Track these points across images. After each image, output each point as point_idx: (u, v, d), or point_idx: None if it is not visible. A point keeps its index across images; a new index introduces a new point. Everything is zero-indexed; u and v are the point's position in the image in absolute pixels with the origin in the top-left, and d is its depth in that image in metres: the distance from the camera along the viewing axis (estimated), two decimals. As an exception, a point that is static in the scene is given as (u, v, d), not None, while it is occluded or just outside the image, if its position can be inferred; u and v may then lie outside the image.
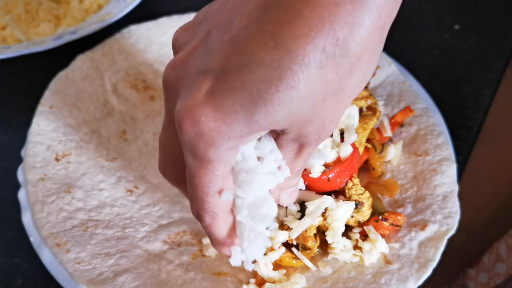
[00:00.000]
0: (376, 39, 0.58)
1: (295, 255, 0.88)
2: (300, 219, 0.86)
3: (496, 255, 1.40)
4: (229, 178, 0.68)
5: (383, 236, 0.90)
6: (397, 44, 1.42)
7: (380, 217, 0.91)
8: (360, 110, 1.02)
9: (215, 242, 0.74)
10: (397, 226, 0.91)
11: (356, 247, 0.90)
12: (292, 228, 0.86)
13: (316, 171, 0.88)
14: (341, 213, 0.87)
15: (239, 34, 0.57)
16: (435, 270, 0.86)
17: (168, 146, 0.74)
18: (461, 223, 0.92)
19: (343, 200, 0.88)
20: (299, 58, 0.54)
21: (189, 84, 0.62)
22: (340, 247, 0.88)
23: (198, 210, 0.70)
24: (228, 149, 0.62)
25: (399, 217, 0.91)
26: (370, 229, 0.90)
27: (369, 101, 1.03)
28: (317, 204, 0.85)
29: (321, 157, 0.88)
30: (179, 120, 0.61)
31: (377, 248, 0.88)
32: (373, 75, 1.12)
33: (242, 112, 0.58)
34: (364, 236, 0.91)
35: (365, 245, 0.88)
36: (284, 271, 0.88)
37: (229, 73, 0.57)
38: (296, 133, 0.64)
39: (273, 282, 0.86)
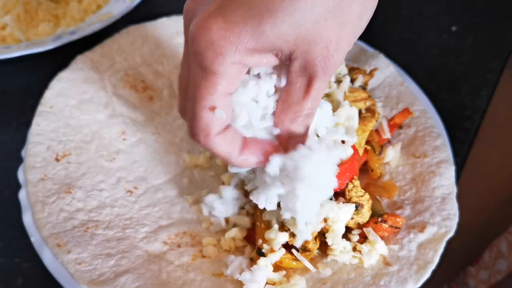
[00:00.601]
0: None
1: (295, 257, 0.88)
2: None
3: (497, 252, 1.41)
4: (227, 100, 0.72)
5: (382, 238, 0.90)
6: (395, 45, 1.42)
7: (380, 219, 0.91)
8: (359, 112, 1.02)
9: (226, 160, 0.79)
10: (396, 228, 0.92)
11: (355, 249, 0.90)
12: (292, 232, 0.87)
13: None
14: (342, 215, 0.87)
15: None
16: (435, 270, 0.87)
17: (185, 80, 0.76)
18: (459, 223, 0.93)
19: (343, 202, 0.89)
20: None
21: (203, 6, 0.68)
22: (340, 248, 0.89)
23: (192, 128, 0.74)
24: (234, 63, 0.66)
25: (398, 219, 0.92)
26: (369, 231, 0.90)
27: (368, 103, 1.04)
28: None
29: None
30: (192, 32, 0.66)
31: (376, 250, 0.89)
32: (372, 76, 1.12)
33: (250, 22, 0.63)
34: (363, 238, 0.91)
35: (364, 247, 0.89)
36: (284, 272, 0.89)
37: None
38: (302, 59, 0.68)
39: (273, 284, 0.87)
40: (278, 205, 0.90)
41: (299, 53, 0.67)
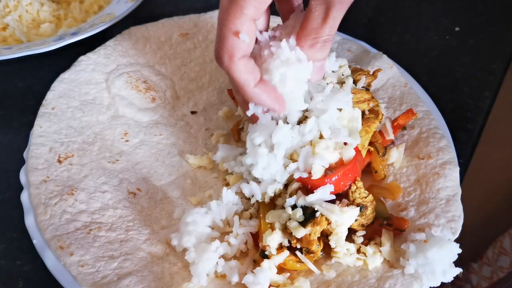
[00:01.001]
0: None
1: (299, 259, 0.88)
2: (303, 223, 0.86)
3: (500, 249, 1.41)
4: (253, 26, 0.78)
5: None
6: (396, 46, 1.42)
7: (385, 222, 0.91)
8: (363, 113, 1.02)
9: (241, 89, 0.85)
10: (401, 231, 0.91)
11: (359, 251, 0.90)
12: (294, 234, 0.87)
13: (317, 172, 0.89)
14: (346, 219, 0.87)
15: None
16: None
17: None
18: (464, 221, 0.92)
19: (347, 204, 0.88)
20: None
21: None
22: (343, 251, 0.88)
23: (218, 50, 0.80)
24: None
25: (403, 223, 0.91)
26: (385, 235, 0.90)
27: (371, 104, 1.03)
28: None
29: (321, 158, 0.89)
30: None
31: (381, 252, 0.88)
32: (375, 77, 1.12)
33: None
34: (368, 239, 0.91)
35: (369, 249, 0.89)
36: (288, 274, 0.88)
37: None
38: None
39: (277, 286, 0.87)
40: (282, 207, 0.90)
41: None
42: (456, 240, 0.89)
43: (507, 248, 1.40)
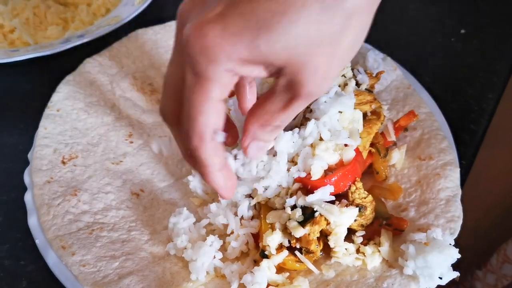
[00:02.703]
0: (368, 7, 0.67)
1: (298, 258, 0.88)
2: (302, 223, 0.87)
3: (504, 257, 1.41)
4: (221, 106, 0.73)
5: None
6: (401, 48, 1.42)
7: (384, 222, 0.91)
8: (365, 114, 1.02)
9: (205, 169, 0.80)
10: (400, 231, 0.92)
11: (358, 251, 0.90)
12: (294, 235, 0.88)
13: (316, 173, 0.89)
14: (344, 219, 0.87)
15: None
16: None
17: (172, 80, 0.78)
18: (467, 225, 0.93)
19: (347, 204, 0.89)
20: (301, 1, 0.62)
21: (202, 10, 0.67)
22: (343, 251, 0.89)
23: (188, 130, 0.76)
24: (227, 70, 0.67)
25: (403, 223, 0.92)
26: (385, 235, 0.90)
27: (374, 106, 1.04)
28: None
29: (320, 159, 0.89)
30: (187, 35, 0.66)
31: (380, 252, 0.88)
32: (378, 79, 1.12)
33: (246, 35, 0.63)
34: (367, 239, 0.91)
35: (368, 249, 0.89)
36: (287, 274, 0.89)
37: (241, 2, 0.63)
38: (290, 78, 0.69)
39: (276, 286, 0.87)
40: (283, 207, 0.91)
41: (288, 72, 0.68)
42: (459, 246, 0.89)
43: (511, 256, 1.39)
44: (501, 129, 1.30)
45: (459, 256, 0.86)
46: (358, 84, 1.07)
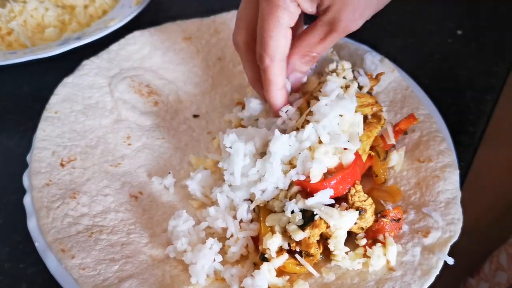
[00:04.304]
0: None
1: (298, 262, 0.88)
2: (302, 226, 0.87)
3: (497, 264, 1.40)
4: (289, 33, 0.94)
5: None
6: (400, 50, 1.42)
7: (379, 215, 0.91)
8: (365, 117, 1.02)
9: (270, 86, 1.01)
10: (397, 220, 0.91)
11: (365, 254, 0.90)
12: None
13: (315, 176, 0.89)
14: (345, 222, 0.87)
15: None
16: (436, 279, 0.86)
17: (245, 13, 1.01)
18: (463, 230, 0.93)
19: (346, 207, 0.89)
20: None
21: None
22: (342, 254, 0.89)
23: (260, 51, 0.96)
24: (292, 1, 0.89)
25: (396, 211, 0.92)
26: (387, 237, 0.90)
27: (375, 108, 1.04)
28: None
29: (319, 162, 0.89)
30: None
31: (388, 251, 0.88)
32: (378, 81, 1.12)
33: None
34: (372, 240, 0.91)
35: (375, 249, 0.88)
36: (287, 277, 0.89)
37: None
38: (333, 15, 0.89)
39: (277, 289, 0.87)
40: (282, 210, 0.91)
41: (333, 9, 0.86)
42: (454, 252, 0.89)
43: (504, 263, 1.39)
44: (499, 130, 1.30)
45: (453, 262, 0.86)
46: (359, 87, 1.07)
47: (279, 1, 0.88)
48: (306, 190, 0.91)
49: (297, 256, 0.88)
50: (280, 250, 0.89)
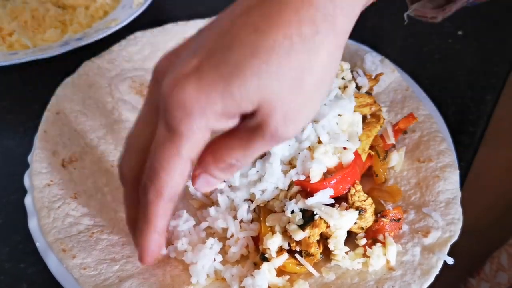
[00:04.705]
0: (337, 41, 0.68)
1: (299, 261, 0.88)
2: (302, 226, 0.87)
3: (498, 265, 1.40)
4: (186, 168, 0.72)
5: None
6: (400, 50, 1.42)
7: (379, 215, 0.92)
8: (364, 117, 1.03)
9: (146, 225, 0.78)
10: (397, 220, 0.92)
11: (364, 254, 0.90)
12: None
13: (315, 176, 0.89)
14: (345, 222, 0.87)
15: (226, 27, 0.67)
16: (436, 279, 0.87)
17: (139, 138, 0.79)
18: (463, 229, 0.93)
19: (346, 207, 0.89)
20: (271, 40, 0.64)
21: (178, 65, 0.68)
22: (342, 254, 0.89)
23: (146, 181, 0.74)
24: (200, 127, 0.67)
25: (396, 211, 0.92)
26: (387, 236, 0.91)
27: (373, 108, 1.04)
28: None
29: (319, 162, 0.90)
30: (165, 90, 0.67)
31: (388, 251, 0.88)
32: (377, 81, 1.12)
33: (220, 83, 0.64)
34: (371, 240, 0.91)
35: (375, 249, 0.89)
36: (288, 277, 0.89)
37: (215, 52, 0.66)
38: (259, 119, 0.67)
39: (277, 288, 0.87)
40: (282, 210, 0.91)
41: (259, 114, 0.67)
42: (454, 252, 0.89)
43: (505, 264, 1.39)
44: (499, 130, 1.30)
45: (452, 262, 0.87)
46: (358, 87, 1.07)
47: (183, 128, 0.67)
48: (306, 190, 0.91)
49: (297, 256, 0.88)
50: (280, 250, 0.89)
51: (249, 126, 0.69)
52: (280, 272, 0.89)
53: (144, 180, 0.75)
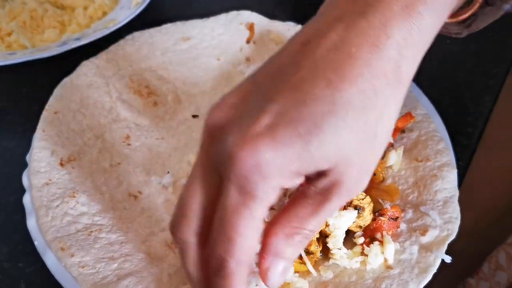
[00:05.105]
0: (402, 98, 0.69)
1: (298, 260, 0.88)
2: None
3: (496, 264, 1.40)
4: (261, 228, 0.65)
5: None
6: (399, 51, 1.42)
7: (377, 214, 0.92)
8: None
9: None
10: (395, 219, 0.92)
11: (362, 253, 0.90)
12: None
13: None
14: (343, 221, 0.88)
15: (292, 79, 0.61)
16: (435, 280, 0.87)
17: (196, 198, 0.68)
18: (461, 230, 0.93)
19: (345, 206, 0.89)
20: (346, 95, 0.60)
21: (244, 121, 0.61)
22: (340, 253, 0.89)
23: (221, 253, 0.66)
24: (275, 188, 0.61)
25: (394, 210, 0.92)
26: (385, 235, 0.91)
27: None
28: None
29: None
30: (234, 151, 0.60)
31: (386, 249, 0.88)
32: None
33: (298, 142, 0.59)
34: (369, 238, 0.92)
35: (373, 248, 0.89)
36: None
37: (288, 109, 0.60)
38: (333, 179, 0.63)
39: (276, 286, 0.87)
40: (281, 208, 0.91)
41: (333, 173, 0.63)
42: (452, 252, 0.89)
43: (503, 263, 1.39)
44: (497, 131, 1.30)
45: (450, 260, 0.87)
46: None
47: (256, 189, 0.61)
48: (306, 189, 0.91)
49: (302, 253, 0.88)
50: (281, 249, 0.90)
51: (321, 187, 0.65)
52: (279, 270, 0.89)
53: (218, 252, 0.66)
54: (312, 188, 0.65)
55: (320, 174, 0.64)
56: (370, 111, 0.62)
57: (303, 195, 0.66)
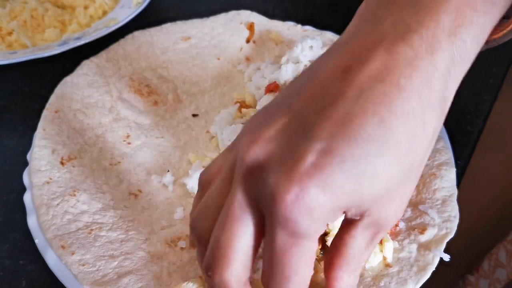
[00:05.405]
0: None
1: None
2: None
3: (496, 261, 1.40)
4: (314, 257, 0.63)
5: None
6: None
7: None
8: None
9: None
10: (395, 224, 0.92)
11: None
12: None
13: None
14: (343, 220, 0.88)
15: (338, 112, 0.57)
16: (435, 278, 0.87)
17: (240, 239, 0.63)
18: (460, 228, 0.93)
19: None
20: (398, 134, 0.57)
21: (286, 159, 0.57)
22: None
23: None
24: (325, 225, 0.59)
25: None
26: (385, 238, 0.91)
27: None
28: None
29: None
30: (279, 193, 0.56)
31: (385, 248, 0.88)
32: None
33: (348, 183, 0.56)
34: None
35: None
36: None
37: (338, 147, 0.56)
38: (377, 215, 0.62)
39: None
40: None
41: (377, 209, 0.61)
42: (452, 250, 0.90)
43: (503, 260, 1.39)
44: (496, 130, 1.31)
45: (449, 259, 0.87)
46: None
47: (308, 231, 0.58)
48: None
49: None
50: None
51: (365, 225, 0.63)
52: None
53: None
54: (359, 229, 0.64)
55: (362, 215, 0.62)
56: (418, 148, 0.61)
57: (350, 237, 0.65)
